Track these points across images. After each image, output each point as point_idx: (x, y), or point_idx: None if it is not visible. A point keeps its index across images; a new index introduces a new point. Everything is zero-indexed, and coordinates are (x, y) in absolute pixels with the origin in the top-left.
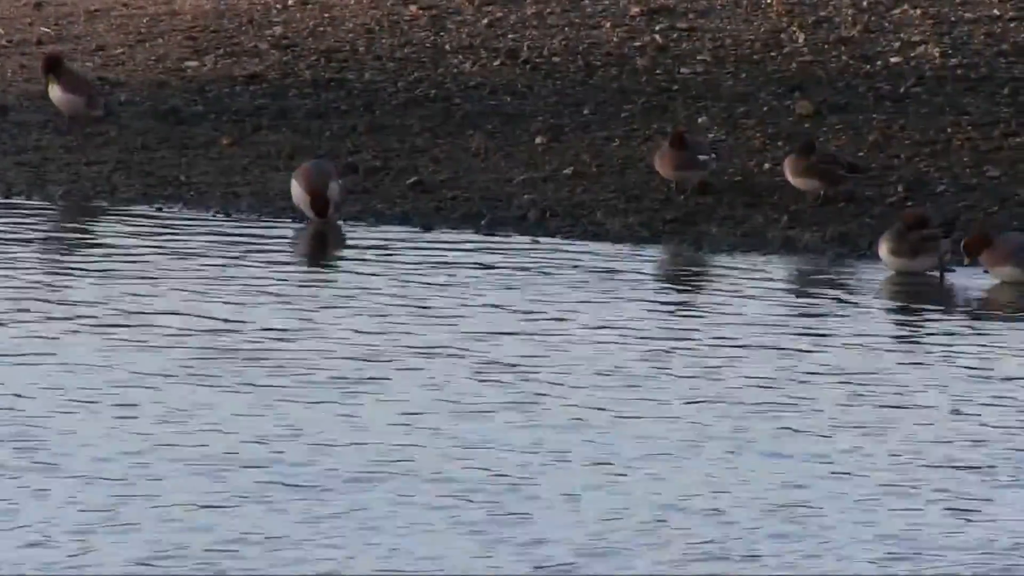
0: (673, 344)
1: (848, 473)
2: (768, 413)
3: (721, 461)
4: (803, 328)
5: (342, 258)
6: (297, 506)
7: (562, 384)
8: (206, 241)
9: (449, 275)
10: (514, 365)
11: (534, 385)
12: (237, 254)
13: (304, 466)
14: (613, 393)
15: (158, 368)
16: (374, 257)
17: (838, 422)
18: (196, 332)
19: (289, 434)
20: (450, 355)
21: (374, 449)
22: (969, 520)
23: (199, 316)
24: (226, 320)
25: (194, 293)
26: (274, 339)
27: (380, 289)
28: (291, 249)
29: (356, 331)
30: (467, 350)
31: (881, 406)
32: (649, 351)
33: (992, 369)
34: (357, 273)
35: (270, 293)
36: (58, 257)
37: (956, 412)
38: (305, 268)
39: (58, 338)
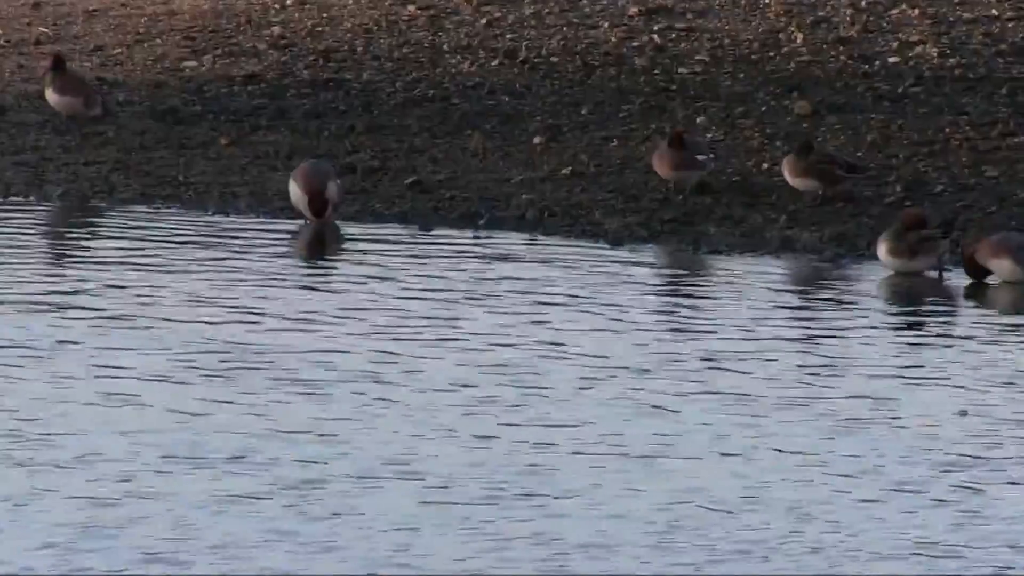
0: (673, 343)
1: (856, 471)
2: (770, 411)
3: (726, 460)
4: (801, 328)
5: (341, 258)
6: (311, 502)
7: (562, 384)
8: (204, 241)
9: (447, 275)
10: (513, 365)
11: (532, 384)
12: (235, 254)
13: (316, 463)
14: (614, 392)
15: (160, 366)
16: (372, 257)
17: (840, 420)
18: (192, 332)
19: (293, 431)
20: (450, 354)
21: (379, 446)
22: (978, 518)
23: (197, 316)
24: (224, 321)
25: (191, 293)
26: (272, 338)
27: (378, 289)
28: (290, 249)
29: (355, 329)
30: (467, 349)
31: (880, 403)
32: (649, 350)
33: (989, 368)
34: (356, 273)
35: (268, 293)
36: (54, 257)
37: (963, 412)
38: (303, 268)
39: (56, 337)
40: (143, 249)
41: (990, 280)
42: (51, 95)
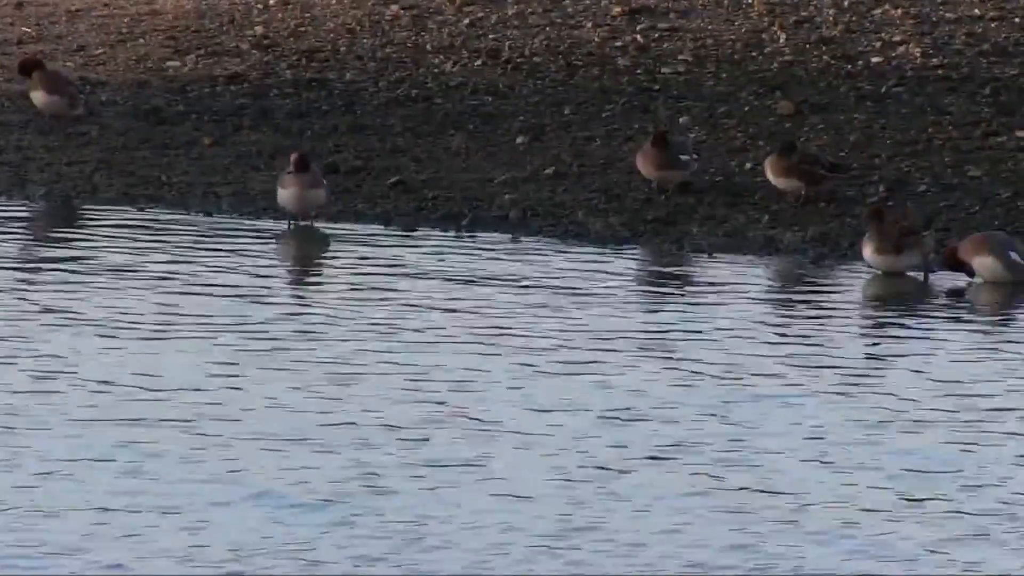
0: (659, 342)
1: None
2: (767, 411)
3: (719, 461)
4: (788, 328)
5: (324, 258)
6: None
7: (549, 386)
8: (187, 241)
9: (430, 274)
10: (501, 367)
11: (521, 387)
12: (218, 254)
13: (310, 464)
14: (604, 393)
15: (146, 366)
16: (355, 256)
17: (837, 420)
18: (175, 332)
19: (288, 427)
20: (435, 351)
21: (373, 446)
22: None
23: (180, 316)
24: (208, 319)
25: (173, 293)
26: (257, 337)
27: (362, 288)
28: (273, 249)
29: (340, 328)
30: (451, 348)
31: (871, 404)
32: (636, 350)
33: (974, 369)
34: (339, 272)
35: (252, 293)
36: (34, 257)
37: None
38: (287, 268)
39: (40, 337)
40: (126, 249)
41: (974, 280)
42: (37, 95)
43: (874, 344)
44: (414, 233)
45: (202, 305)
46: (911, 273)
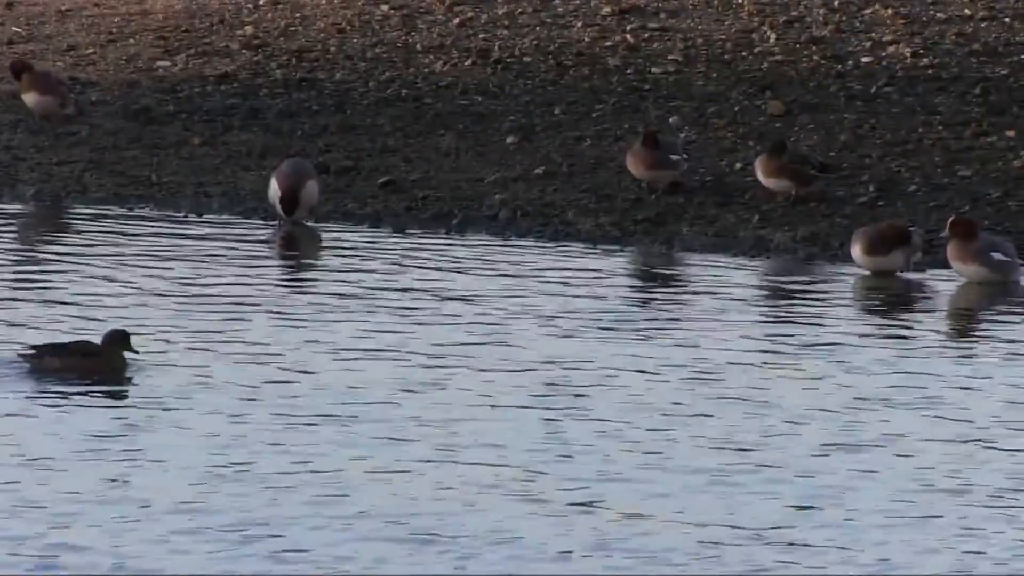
0: (650, 342)
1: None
2: (763, 411)
3: (716, 461)
4: (779, 327)
5: (313, 257)
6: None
7: (535, 388)
8: (178, 241)
9: (420, 274)
10: (489, 369)
11: (512, 390)
12: (208, 253)
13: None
14: (593, 392)
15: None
16: (344, 256)
17: (834, 421)
18: (162, 331)
19: (279, 427)
20: (425, 352)
21: (357, 448)
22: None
23: (169, 316)
24: (196, 320)
25: (162, 292)
26: (245, 337)
27: (350, 289)
28: (262, 248)
29: (331, 330)
30: (442, 349)
31: (864, 402)
32: (626, 349)
33: (965, 368)
34: (328, 272)
35: (242, 292)
36: (22, 257)
37: None
38: (276, 267)
39: (38, 335)
40: (116, 249)
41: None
42: (30, 97)
43: (863, 344)
44: (404, 233)
45: (193, 304)
46: (900, 273)
